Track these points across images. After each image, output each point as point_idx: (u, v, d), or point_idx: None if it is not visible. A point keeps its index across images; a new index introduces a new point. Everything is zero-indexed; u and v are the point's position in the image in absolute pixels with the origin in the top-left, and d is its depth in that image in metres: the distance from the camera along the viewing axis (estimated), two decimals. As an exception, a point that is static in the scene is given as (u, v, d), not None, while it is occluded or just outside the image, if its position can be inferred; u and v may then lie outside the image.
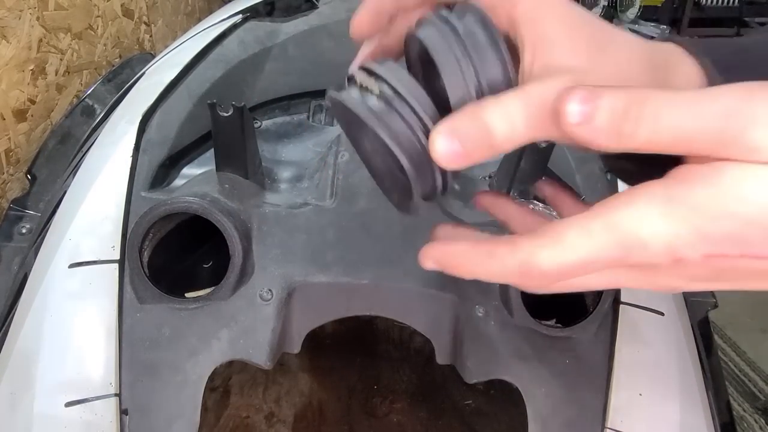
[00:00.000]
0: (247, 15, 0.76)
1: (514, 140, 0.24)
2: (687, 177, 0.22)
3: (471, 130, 0.24)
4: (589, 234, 0.23)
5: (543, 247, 0.24)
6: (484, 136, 0.24)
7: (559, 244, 0.23)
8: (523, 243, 0.24)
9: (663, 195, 0.22)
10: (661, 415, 0.48)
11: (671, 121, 0.21)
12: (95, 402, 0.45)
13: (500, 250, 0.25)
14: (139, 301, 0.48)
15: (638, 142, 0.22)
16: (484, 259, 0.26)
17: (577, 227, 0.23)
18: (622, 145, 0.22)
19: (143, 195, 0.53)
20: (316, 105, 0.68)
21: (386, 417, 0.84)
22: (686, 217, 0.21)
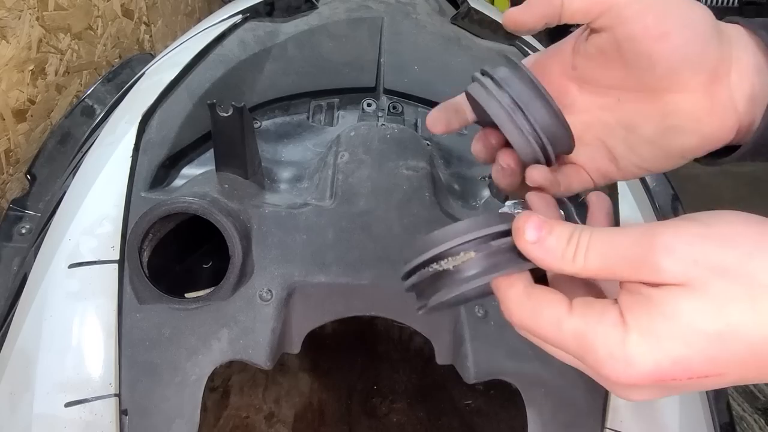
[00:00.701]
0: (247, 15, 0.76)
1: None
2: (633, 306, 0.25)
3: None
4: (558, 327, 0.26)
5: (522, 306, 0.28)
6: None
7: (533, 316, 0.27)
8: (514, 290, 0.28)
9: (621, 322, 0.25)
10: (661, 416, 0.48)
11: (597, 252, 0.26)
12: (95, 402, 0.45)
13: (501, 282, 0.29)
14: (138, 301, 0.48)
15: (576, 267, 0.26)
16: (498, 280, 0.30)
17: (552, 314, 0.27)
18: (564, 267, 0.27)
19: (143, 195, 0.53)
20: (316, 105, 0.68)
21: (386, 417, 0.84)
22: (638, 345, 0.24)
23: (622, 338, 0.25)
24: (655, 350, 0.24)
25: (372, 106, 0.66)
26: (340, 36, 0.73)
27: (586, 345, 0.26)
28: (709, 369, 0.24)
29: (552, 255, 0.27)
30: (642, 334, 0.24)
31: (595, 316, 0.26)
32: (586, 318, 0.26)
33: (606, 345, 0.25)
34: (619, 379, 0.25)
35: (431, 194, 0.53)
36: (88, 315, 0.47)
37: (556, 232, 0.27)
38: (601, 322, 0.25)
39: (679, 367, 0.24)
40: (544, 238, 0.27)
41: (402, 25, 0.77)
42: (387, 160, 0.55)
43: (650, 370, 0.24)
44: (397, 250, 0.49)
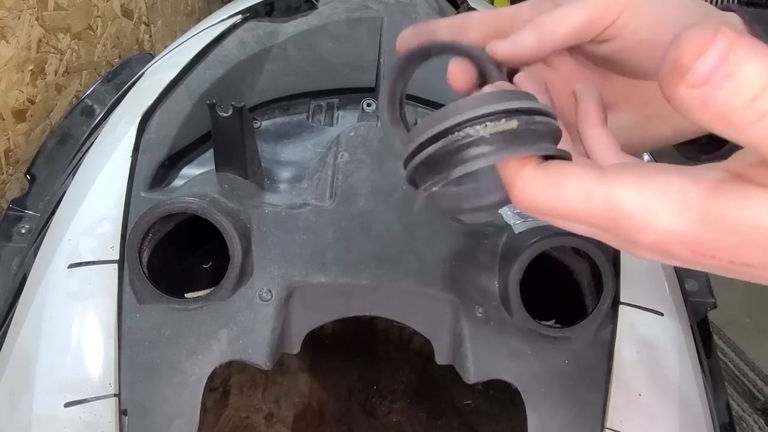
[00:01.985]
0: (247, 15, 0.76)
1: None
2: (715, 186, 0.21)
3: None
4: (587, 197, 0.22)
5: (539, 184, 0.23)
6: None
7: (555, 188, 0.23)
8: (527, 168, 0.24)
9: (680, 194, 0.21)
10: (661, 416, 0.48)
11: None
12: (94, 402, 0.45)
13: (511, 163, 0.24)
14: (138, 301, 0.48)
15: (746, 135, 0.18)
16: (505, 164, 0.25)
17: (579, 182, 0.22)
18: (718, 127, 0.18)
19: (143, 195, 0.53)
20: (316, 105, 0.68)
21: (386, 417, 0.84)
22: (692, 219, 0.21)
23: (673, 207, 0.21)
24: (711, 233, 0.20)
25: (372, 107, 0.66)
26: (340, 36, 0.73)
27: (621, 212, 0.22)
28: (760, 261, 0.20)
29: (713, 112, 0.18)
30: (705, 218, 0.20)
31: (639, 179, 0.21)
32: (625, 181, 0.22)
33: (648, 212, 0.21)
34: (654, 244, 0.22)
35: (431, 194, 0.53)
36: (88, 315, 0.47)
37: (741, 74, 0.17)
38: (645, 189, 0.21)
39: (727, 250, 0.21)
40: (730, 75, 0.17)
41: (402, 25, 0.77)
42: (387, 161, 0.55)
43: (693, 243, 0.21)
44: (397, 250, 0.49)
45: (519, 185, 0.24)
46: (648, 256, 0.24)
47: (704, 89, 0.17)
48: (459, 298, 0.48)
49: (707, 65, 0.17)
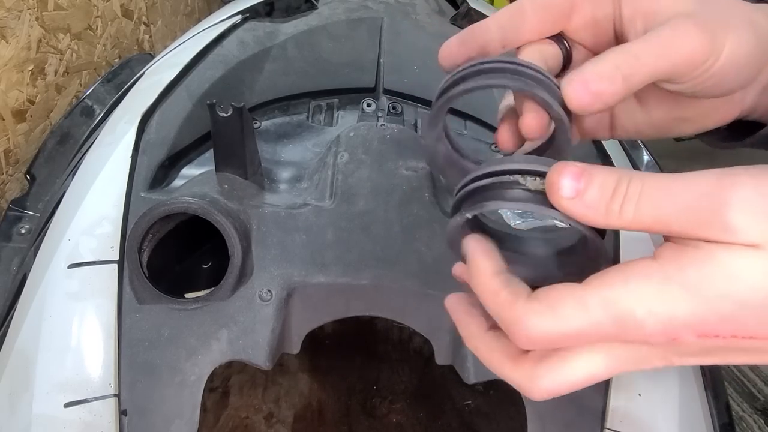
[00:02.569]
0: (247, 15, 0.76)
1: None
2: (680, 258, 0.23)
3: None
4: (584, 308, 0.23)
5: (536, 312, 0.24)
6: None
7: (552, 311, 0.24)
8: (520, 301, 0.25)
9: (659, 275, 0.23)
10: (661, 416, 0.48)
11: (651, 204, 0.23)
12: (94, 402, 0.45)
13: (503, 294, 0.26)
14: (138, 301, 0.48)
15: (623, 222, 0.23)
16: (490, 294, 0.26)
17: (572, 299, 0.24)
18: (609, 222, 0.24)
19: (142, 195, 0.53)
20: (316, 105, 0.68)
21: (386, 417, 0.84)
22: (682, 298, 0.22)
23: (660, 292, 0.22)
24: (702, 305, 0.22)
25: (371, 107, 0.66)
26: (340, 36, 0.73)
27: (620, 311, 0.23)
28: (759, 331, 0.22)
29: (594, 210, 0.23)
30: (687, 289, 0.22)
31: (620, 278, 0.23)
32: (610, 284, 0.23)
33: (642, 302, 0.23)
34: (662, 333, 0.23)
35: (431, 194, 0.53)
36: (88, 315, 0.47)
37: (597, 181, 0.23)
38: (630, 281, 0.23)
39: (726, 323, 0.22)
40: (584, 191, 0.23)
41: (401, 26, 0.77)
42: (386, 161, 0.55)
43: (694, 323, 0.22)
44: (397, 250, 0.49)
45: (518, 320, 0.24)
46: (664, 362, 0.25)
47: (580, 197, 0.24)
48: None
49: (570, 180, 0.24)
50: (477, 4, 0.87)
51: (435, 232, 0.50)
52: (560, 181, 0.24)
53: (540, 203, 0.25)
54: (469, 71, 0.30)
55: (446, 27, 0.81)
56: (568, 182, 0.24)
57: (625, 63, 0.27)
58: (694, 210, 0.22)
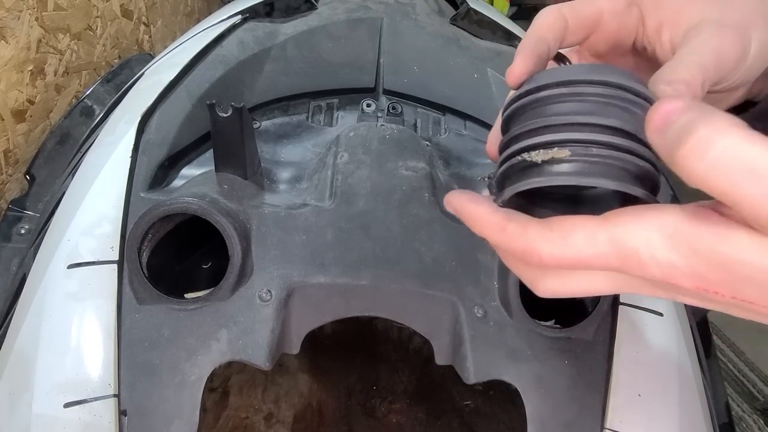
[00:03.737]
0: (247, 15, 0.76)
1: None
2: (701, 220, 0.23)
3: None
4: (593, 240, 0.25)
5: (548, 240, 0.26)
6: None
7: (563, 240, 0.25)
8: (532, 229, 0.26)
9: (673, 227, 0.23)
10: (660, 416, 0.48)
11: (733, 165, 0.20)
12: (94, 403, 0.45)
13: (511, 227, 0.27)
14: (138, 301, 0.48)
15: (698, 170, 0.21)
16: (495, 230, 0.28)
17: (584, 230, 0.25)
18: (675, 166, 0.22)
19: (142, 195, 0.53)
20: (315, 106, 0.68)
21: (385, 417, 0.84)
22: (687, 255, 0.23)
23: (669, 242, 0.23)
24: (705, 268, 0.22)
25: (371, 107, 0.66)
26: (340, 36, 0.73)
27: (626, 250, 0.24)
28: (760, 299, 0.22)
29: (668, 147, 0.22)
30: (697, 253, 0.23)
31: (637, 219, 0.24)
32: (625, 222, 0.24)
33: (648, 246, 0.24)
34: (661, 278, 0.24)
35: (431, 195, 0.53)
36: (87, 315, 0.47)
37: (687, 116, 0.22)
38: (642, 226, 0.24)
39: (727, 286, 0.23)
40: (668, 126, 0.22)
41: (401, 26, 0.77)
42: (386, 161, 0.55)
43: (694, 278, 0.23)
44: (397, 250, 0.49)
45: (529, 246, 0.26)
46: (665, 295, 0.26)
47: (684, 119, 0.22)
48: (459, 299, 0.48)
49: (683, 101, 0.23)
50: (477, 4, 0.87)
51: (435, 232, 0.50)
52: (659, 110, 0.23)
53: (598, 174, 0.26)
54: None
55: (446, 27, 0.81)
56: (667, 106, 0.23)
57: (700, 73, 0.28)
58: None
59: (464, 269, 0.50)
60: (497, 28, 0.81)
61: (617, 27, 0.33)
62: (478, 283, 0.49)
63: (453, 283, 0.49)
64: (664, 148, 0.23)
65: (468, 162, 0.64)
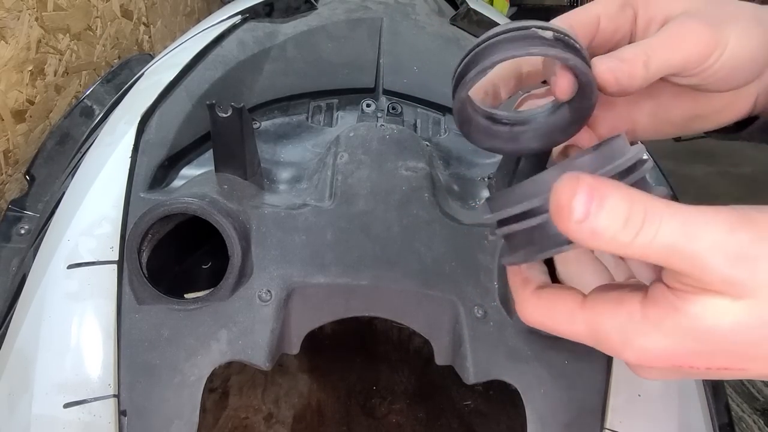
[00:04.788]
0: (246, 16, 0.76)
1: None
2: (661, 304, 0.24)
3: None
4: (571, 320, 0.27)
5: (534, 305, 0.29)
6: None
7: (547, 311, 0.28)
8: (527, 290, 0.29)
9: (640, 315, 0.25)
10: (660, 416, 0.48)
11: (665, 239, 0.22)
12: (94, 403, 0.45)
13: (517, 279, 0.30)
14: (137, 302, 0.48)
15: (631, 251, 0.22)
16: (510, 273, 0.31)
17: (565, 309, 0.27)
18: (612, 249, 0.22)
19: (142, 196, 0.53)
20: (315, 106, 0.68)
21: (385, 418, 0.84)
22: (657, 338, 0.24)
23: (639, 329, 0.25)
24: (675, 345, 0.24)
25: (371, 107, 0.66)
26: (340, 37, 0.73)
27: (600, 335, 0.26)
28: (731, 364, 0.24)
29: (601, 241, 0.22)
30: (664, 333, 0.24)
31: (609, 309, 0.26)
32: (599, 311, 0.26)
33: (622, 334, 0.25)
34: (637, 362, 0.25)
35: (430, 195, 0.53)
36: (87, 316, 0.47)
37: (605, 210, 0.22)
38: (616, 315, 0.25)
39: (699, 358, 0.24)
40: (592, 221, 0.22)
41: (401, 26, 0.77)
42: (386, 161, 0.55)
43: (667, 358, 0.24)
44: (397, 250, 0.49)
45: (520, 302, 0.29)
46: (643, 373, 0.28)
47: (589, 221, 0.22)
48: (458, 299, 0.48)
49: (582, 202, 0.22)
50: (476, 4, 0.87)
51: (435, 233, 0.50)
52: (572, 204, 0.22)
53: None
54: (502, 38, 0.30)
55: (446, 27, 0.81)
56: (580, 206, 0.22)
57: (643, 52, 0.30)
58: (703, 255, 0.22)
59: (464, 269, 0.50)
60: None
61: (613, 29, 0.34)
62: (478, 283, 0.49)
63: (453, 283, 0.49)
64: (595, 237, 0.22)
65: (468, 162, 0.64)
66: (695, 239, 0.22)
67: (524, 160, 0.53)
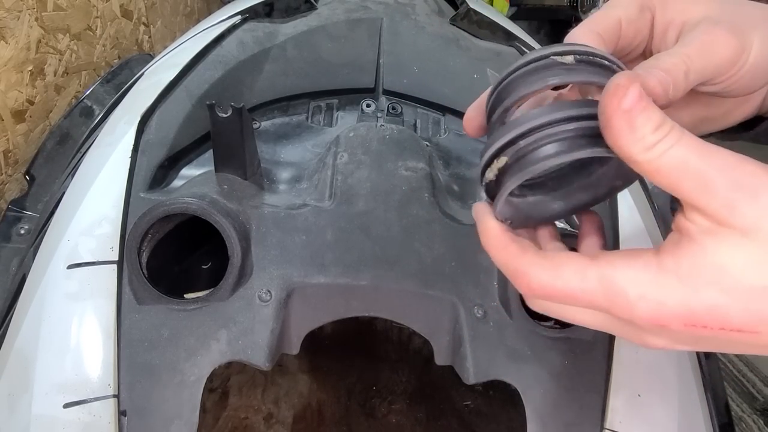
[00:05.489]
0: (246, 16, 0.76)
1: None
2: (677, 251, 0.24)
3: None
4: (582, 276, 0.26)
5: (540, 266, 0.27)
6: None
7: (553, 271, 0.27)
8: (528, 255, 0.28)
9: (656, 265, 0.25)
10: (660, 416, 0.48)
11: (681, 151, 0.24)
12: (94, 403, 0.45)
13: (512, 247, 0.29)
14: (137, 302, 0.48)
15: (647, 157, 0.24)
16: (499, 247, 0.29)
17: (574, 265, 0.26)
18: (635, 154, 0.24)
19: (142, 196, 0.53)
20: (315, 106, 0.68)
21: (385, 418, 0.84)
22: (673, 287, 0.24)
23: (655, 279, 0.24)
24: (691, 295, 0.24)
25: (371, 107, 0.66)
26: (339, 37, 0.73)
27: (614, 289, 0.25)
28: (746, 323, 0.23)
29: (631, 135, 0.24)
30: (680, 279, 0.24)
31: (623, 260, 0.25)
32: (613, 263, 0.25)
33: (637, 286, 0.25)
34: (650, 319, 0.24)
35: (430, 195, 0.53)
36: (87, 316, 0.47)
37: (648, 113, 0.24)
38: (631, 266, 0.25)
39: (713, 314, 0.23)
40: (634, 114, 0.24)
41: (401, 26, 0.77)
42: (386, 161, 0.55)
43: (683, 313, 0.24)
44: (397, 250, 0.49)
45: (525, 267, 0.27)
46: (652, 340, 0.26)
47: (631, 114, 0.24)
48: (458, 299, 0.48)
49: (635, 95, 0.24)
50: (476, 4, 0.87)
51: (434, 233, 0.50)
52: (627, 92, 0.24)
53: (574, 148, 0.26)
54: (520, 73, 0.29)
55: (446, 28, 0.81)
56: (631, 97, 0.24)
57: (683, 62, 0.29)
58: (708, 180, 0.23)
59: (464, 269, 0.50)
60: (497, 28, 0.81)
61: (634, 33, 0.33)
62: (477, 283, 0.49)
63: (453, 284, 0.49)
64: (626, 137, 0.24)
65: (468, 162, 0.64)
66: (706, 158, 0.23)
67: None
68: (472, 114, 0.35)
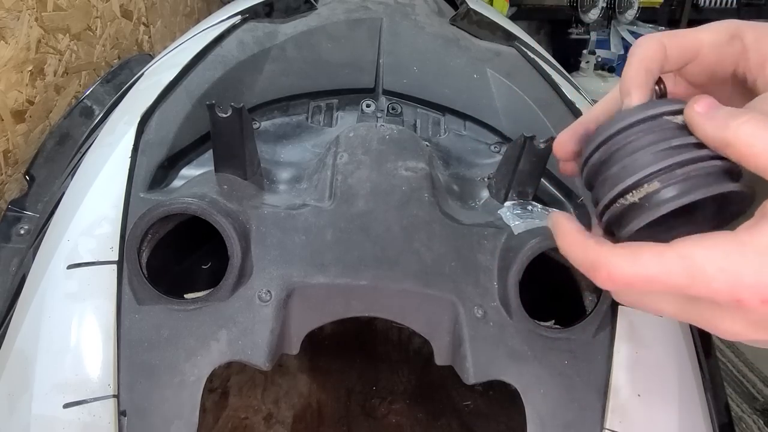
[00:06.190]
0: (246, 16, 0.75)
1: None
2: (753, 227, 0.25)
3: None
4: (661, 259, 0.27)
5: (619, 255, 0.28)
6: None
7: (632, 257, 0.27)
8: (606, 246, 0.29)
9: (734, 241, 0.26)
10: (660, 417, 0.48)
11: (752, 124, 0.26)
12: (93, 403, 0.44)
13: (590, 243, 0.30)
14: (137, 302, 0.48)
15: (728, 133, 0.27)
16: (578, 245, 0.31)
17: (653, 250, 0.27)
18: (717, 122, 0.27)
19: (142, 196, 0.53)
20: (315, 106, 0.68)
21: (385, 418, 0.84)
22: (751, 260, 0.25)
23: (733, 254, 0.25)
24: (765, 265, 0.24)
25: (371, 107, 0.66)
26: (339, 37, 0.73)
27: (694, 266, 0.26)
28: None
29: (718, 113, 0.27)
30: (758, 253, 0.25)
31: (700, 240, 0.26)
32: (689, 244, 0.26)
33: (715, 261, 0.25)
34: (728, 292, 0.25)
35: (430, 195, 0.53)
36: (87, 316, 0.47)
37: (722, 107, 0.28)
38: (708, 245, 0.26)
39: None
40: (713, 109, 0.27)
41: (401, 26, 0.77)
42: (386, 161, 0.55)
43: (760, 287, 0.24)
44: (397, 250, 0.49)
45: (602, 260, 0.28)
46: (730, 324, 0.27)
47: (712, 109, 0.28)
48: (458, 299, 0.48)
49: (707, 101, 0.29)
50: (476, 4, 0.87)
51: (434, 233, 0.50)
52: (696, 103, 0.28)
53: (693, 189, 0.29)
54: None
55: (446, 28, 0.81)
56: (702, 104, 0.28)
57: None
58: None
59: (464, 269, 0.50)
60: (497, 28, 0.81)
61: (716, 59, 0.34)
62: (477, 283, 0.49)
63: (453, 284, 0.49)
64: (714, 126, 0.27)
65: (468, 162, 0.64)
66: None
67: (523, 160, 0.53)
68: (565, 138, 0.37)
